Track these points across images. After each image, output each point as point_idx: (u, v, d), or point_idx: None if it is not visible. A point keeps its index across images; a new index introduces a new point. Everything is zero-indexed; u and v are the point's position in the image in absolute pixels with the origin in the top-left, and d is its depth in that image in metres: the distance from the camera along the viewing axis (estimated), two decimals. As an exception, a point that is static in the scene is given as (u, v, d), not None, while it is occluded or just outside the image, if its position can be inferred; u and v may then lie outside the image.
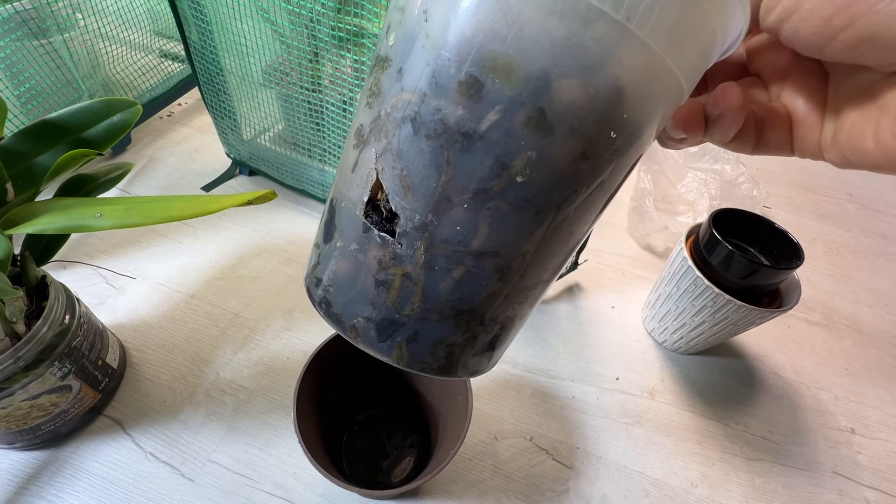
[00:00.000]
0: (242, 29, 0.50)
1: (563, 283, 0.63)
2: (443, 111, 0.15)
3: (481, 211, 0.15)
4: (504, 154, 0.14)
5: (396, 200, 0.16)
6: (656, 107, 0.15)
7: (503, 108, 0.14)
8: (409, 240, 0.16)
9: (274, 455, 0.43)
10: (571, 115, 0.14)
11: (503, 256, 0.16)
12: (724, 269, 0.47)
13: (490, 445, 0.46)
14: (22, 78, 0.53)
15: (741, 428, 0.51)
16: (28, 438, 0.40)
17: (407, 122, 0.15)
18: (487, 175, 0.15)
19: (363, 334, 0.18)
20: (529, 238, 0.16)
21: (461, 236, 0.16)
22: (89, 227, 0.31)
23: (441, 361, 0.18)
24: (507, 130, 0.14)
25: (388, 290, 0.17)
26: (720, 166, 0.77)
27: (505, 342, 0.20)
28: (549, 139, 0.14)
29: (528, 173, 0.15)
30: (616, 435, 0.49)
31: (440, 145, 0.15)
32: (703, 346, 0.55)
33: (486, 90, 0.14)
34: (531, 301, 0.19)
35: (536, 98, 0.14)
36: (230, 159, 0.71)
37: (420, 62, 0.15)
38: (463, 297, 0.17)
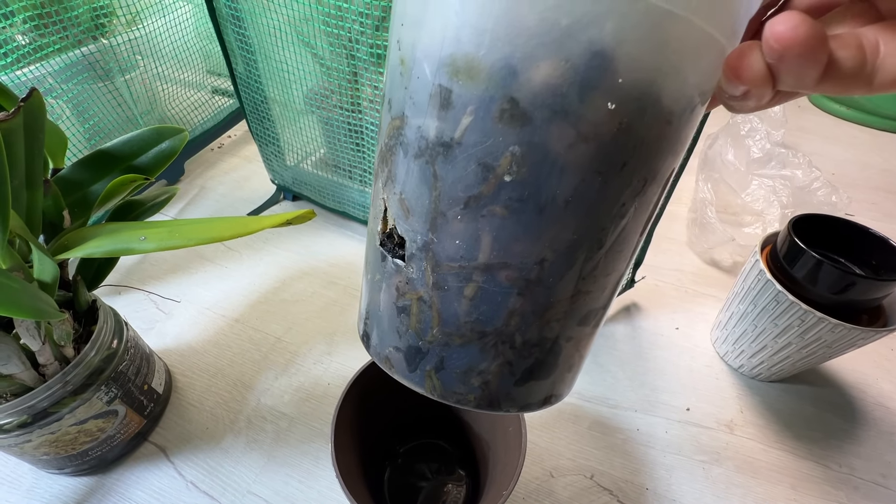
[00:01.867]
0: (284, 56, 0.51)
1: (619, 303, 0.58)
2: (422, 128, 0.14)
3: (477, 220, 0.14)
4: (485, 155, 0.13)
5: (401, 225, 0.16)
6: (671, 63, 0.13)
7: (474, 108, 0.13)
8: (416, 262, 0.16)
9: (314, 488, 0.41)
10: (548, 97, 0.12)
11: (515, 267, 0.15)
12: (810, 282, 0.41)
13: (546, 483, 0.42)
14: (87, 115, 0.56)
15: (846, 470, 0.43)
16: (77, 464, 0.40)
17: (398, 147, 0.15)
18: (473, 181, 0.14)
19: (396, 365, 0.18)
20: (540, 242, 0.14)
21: (463, 251, 0.15)
22: (134, 250, 0.31)
23: (477, 392, 0.17)
24: (482, 130, 0.13)
25: (409, 317, 0.17)
26: (790, 171, 0.70)
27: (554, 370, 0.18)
28: (529, 128, 0.13)
29: (515, 170, 0.13)
30: (691, 475, 0.43)
31: (426, 161, 0.15)
32: (788, 373, 0.48)
33: (455, 95, 0.13)
34: (574, 318, 0.17)
35: (505, 88, 0.13)
36: (275, 185, 0.72)
37: (399, 88, 0.15)
38: (482, 318, 0.16)
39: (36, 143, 0.32)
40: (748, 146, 0.73)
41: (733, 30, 0.13)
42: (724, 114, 0.80)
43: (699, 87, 0.14)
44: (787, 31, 0.12)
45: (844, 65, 0.12)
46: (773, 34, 0.12)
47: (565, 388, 0.19)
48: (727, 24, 0.13)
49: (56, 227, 0.36)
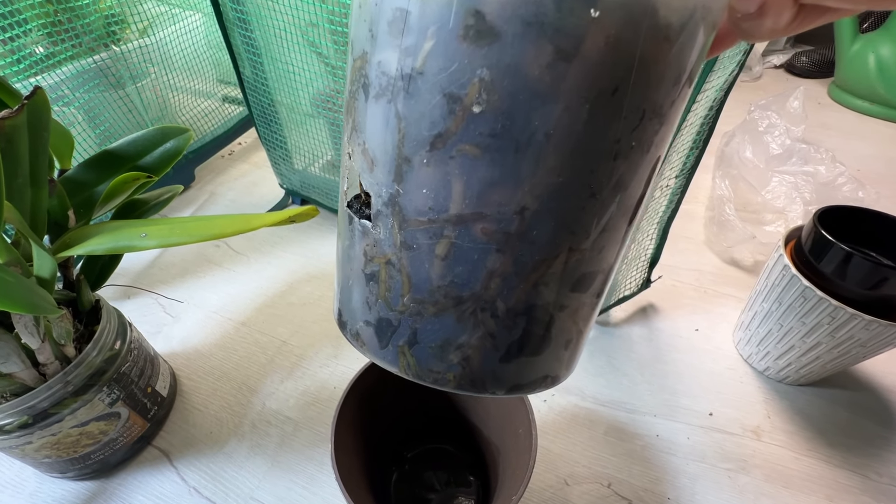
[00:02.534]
0: (290, 58, 0.51)
1: (635, 304, 0.55)
2: (382, 62, 0.13)
3: (446, 163, 0.12)
4: (450, 84, 0.12)
5: (366, 179, 0.14)
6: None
7: (436, 29, 0.11)
8: (383, 220, 0.14)
9: (318, 494, 0.40)
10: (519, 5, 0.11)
11: (492, 218, 0.13)
12: (839, 277, 0.39)
13: (560, 491, 0.40)
14: (98, 121, 0.57)
15: (886, 481, 0.40)
16: (79, 468, 0.39)
17: (359, 91, 0.14)
18: (439, 116, 0.12)
19: (367, 341, 0.16)
20: (520, 186, 0.12)
21: (431, 201, 0.13)
22: (135, 247, 0.31)
23: (457, 370, 0.15)
24: (446, 54, 0.12)
25: (378, 284, 0.15)
26: (812, 167, 0.68)
27: (547, 345, 0.15)
28: (498, 46, 0.11)
29: (485, 99, 0.11)
30: (717, 484, 0.40)
31: (387, 101, 0.13)
32: (818, 375, 0.46)
33: (413, 17, 0.12)
34: (566, 281, 0.14)
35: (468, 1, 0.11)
36: (283, 190, 0.72)
37: (360, 24, 0.13)
38: (457, 280, 0.14)
39: (40, 142, 0.32)
40: (767, 143, 0.71)
41: None
42: (740, 111, 0.78)
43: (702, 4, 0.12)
44: None
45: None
46: None
47: (563, 368, 0.17)
48: None
49: (61, 227, 0.36)
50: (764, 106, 0.75)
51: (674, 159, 0.40)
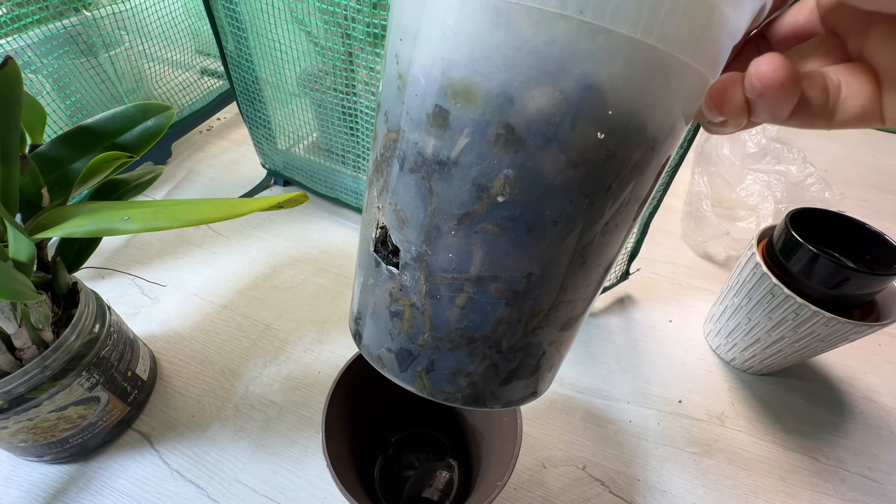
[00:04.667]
0: (277, 35, 0.49)
1: (614, 295, 0.57)
2: (419, 144, 0.15)
3: (471, 236, 0.15)
4: (480, 176, 0.14)
5: (395, 234, 0.16)
6: (657, 95, 0.14)
7: (471, 131, 0.14)
8: (410, 271, 0.16)
9: (303, 477, 0.40)
10: (542, 125, 0.13)
11: (504, 280, 0.16)
12: (805, 275, 0.41)
13: (538, 474, 0.42)
14: (68, 91, 0.54)
15: (833, 462, 0.44)
16: (56, 452, 0.38)
17: (394, 160, 0.16)
18: (468, 199, 0.14)
19: (388, 364, 0.19)
20: (528, 258, 0.15)
21: (456, 263, 0.16)
22: (116, 230, 0.30)
23: (465, 391, 0.18)
24: (478, 152, 0.14)
25: (402, 321, 0.17)
26: (784, 167, 0.70)
27: (537, 371, 0.19)
28: (523, 153, 0.13)
29: (508, 192, 0.14)
30: (682, 466, 0.43)
31: (422, 177, 0.15)
32: (779, 366, 0.49)
33: (452, 117, 0.14)
34: (556, 324, 0.18)
35: (501, 114, 0.13)
36: (266, 170, 0.70)
37: (397, 102, 0.15)
38: (471, 325, 0.17)
39: (11, 116, 0.30)
40: (744, 141, 0.73)
41: (716, 62, 0.14)
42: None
43: (682, 113, 0.15)
44: (769, 72, 0.13)
45: (812, 103, 0.14)
46: (757, 73, 0.13)
47: (546, 384, 0.20)
48: (711, 59, 0.14)
49: (34, 206, 0.35)
50: (743, 104, 0.77)
51: (659, 158, 0.41)
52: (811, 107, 0.14)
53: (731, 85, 0.14)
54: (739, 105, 0.14)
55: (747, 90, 0.13)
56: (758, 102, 0.13)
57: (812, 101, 0.13)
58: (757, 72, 0.13)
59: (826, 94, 0.14)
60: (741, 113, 0.14)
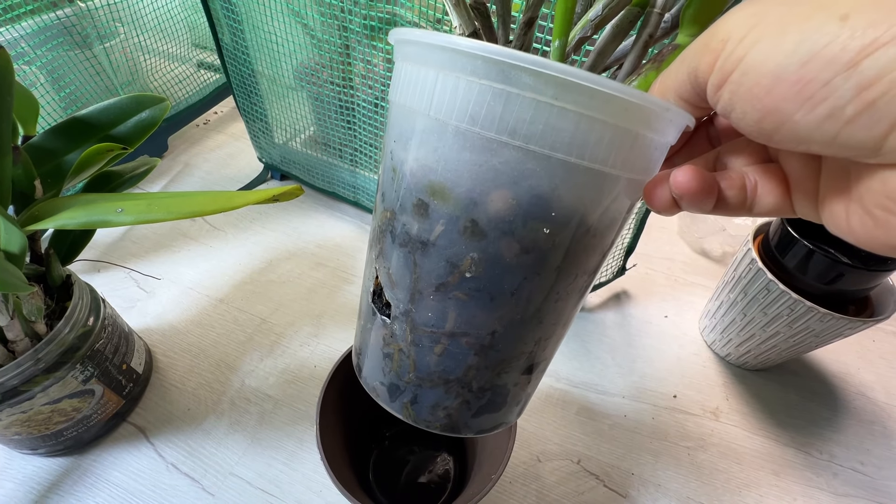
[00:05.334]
0: (273, 27, 0.49)
1: (610, 290, 0.58)
2: (407, 225, 0.18)
3: (446, 300, 0.18)
4: (452, 256, 0.17)
5: (388, 292, 0.20)
6: (593, 199, 0.16)
7: (445, 222, 0.17)
8: (399, 323, 0.20)
9: (298, 471, 0.40)
10: (499, 222, 0.16)
11: (473, 335, 0.19)
12: (801, 271, 0.41)
13: (533, 468, 0.42)
14: (63, 83, 0.54)
15: (826, 457, 0.44)
16: (51, 444, 0.38)
17: (387, 233, 0.19)
18: (443, 272, 0.18)
19: (381, 395, 0.22)
20: (492, 319, 0.18)
21: (434, 320, 0.19)
22: (110, 223, 0.30)
23: (443, 421, 0.21)
24: (450, 238, 0.17)
25: (392, 361, 0.21)
26: (782, 163, 0.70)
27: (503, 406, 0.22)
28: (485, 242, 0.17)
29: (474, 270, 0.17)
30: (677, 460, 0.43)
31: (408, 251, 0.18)
32: (774, 362, 0.49)
33: (431, 209, 0.17)
34: (518, 370, 0.21)
35: (468, 212, 0.16)
36: (262, 164, 0.70)
37: (391, 189, 0.19)
38: (447, 369, 0.20)
39: (3, 106, 0.30)
40: (742, 137, 0.73)
41: (648, 169, 0.17)
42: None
43: (621, 209, 0.18)
44: (684, 182, 0.15)
45: (731, 200, 0.16)
46: (675, 183, 0.16)
47: (513, 416, 0.23)
48: (641, 168, 0.16)
49: (27, 198, 0.34)
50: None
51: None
52: (731, 202, 0.16)
53: (660, 185, 0.16)
54: (668, 201, 0.16)
55: (672, 191, 0.16)
56: (682, 202, 0.16)
57: (731, 199, 0.16)
58: (674, 181, 0.16)
59: (744, 192, 0.16)
60: (671, 207, 0.16)
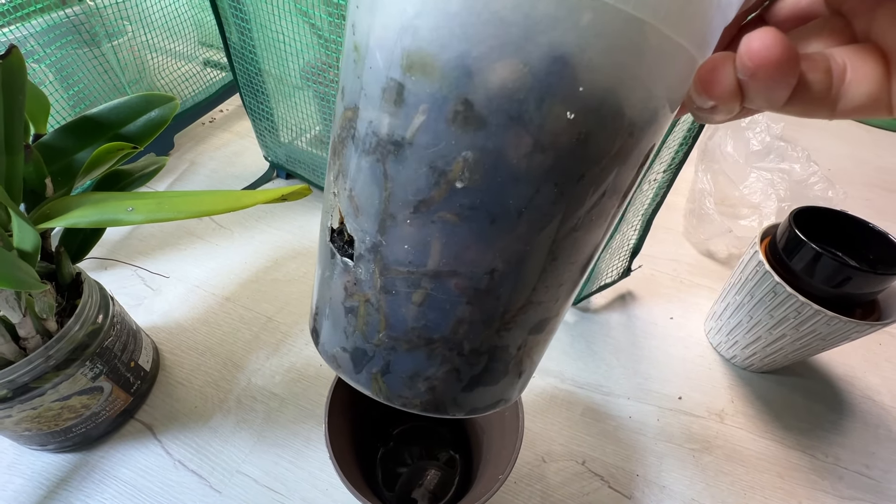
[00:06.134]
0: (281, 27, 0.49)
1: (615, 291, 0.57)
2: (374, 122, 0.13)
3: (427, 226, 0.14)
4: (437, 158, 0.13)
5: (350, 223, 0.15)
6: (635, 73, 0.12)
7: (427, 108, 0.12)
8: (365, 263, 0.15)
9: (304, 469, 0.40)
10: (504, 102, 0.12)
11: (464, 276, 0.14)
12: (808, 274, 0.41)
13: (538, 468, 0.42)
14: (71, 81, 0.54)
15: (831, 460, 0.44)
16: (60, 440, 0.39)
17: (349, 140, 0.15)
18: (425, 184, 0.13)
19: (343, 364, 0.18)
20: (491, 252, 0.14)
21: (412, 256, 0.14)
22: (121, 221, 0.30)
23: (424, 396, 0.17)
24: (435, 132, 0.13)
25: (356, 318, 0.16)
26: (788, 165, 0.70)
27: (504, 377, 0.17)
28: (483, 134, 0.12)
29: (467, 177, 0.13)
30: (681, 462, 0.43)
31: (377, 159, 0.14)
32: (779, 364, 0.49)
33: (407, 92, 0.12)
34: (524, 327, 0.16)
35: (459, 89, 0.12)
36: (268, 163, 0.70)
37: (353, 77, 0.14)
38: (430, 325, 0.15)
39: (15, 105, 0.30)
40: (748, 138, 0.73)
41: (705, 40, 0.13)
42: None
43: (666, 97, 0.13)
44: (762, 49, 0.11)
45: (812, 88, 0.12)
46: (749, 51, 0.11)
47: (515, 391, 0.19)
48: (698, 34, 0.12)
49: (38, 196, 0.35)
50: (748, 102, 0.77)
51: (664, 155, 0.41)
52: (811, 92, 0.12)
53: (721, 65, 0.12)
54: (730, 88, 0.12)
55: (739, 70, 0.12)
56: (751, 84, 0.12)
57: (813, 86, 0.12)
58: (749, 49, 0.11)
59: (829, 77, 0.12)
60: (732, 97, 0.13)
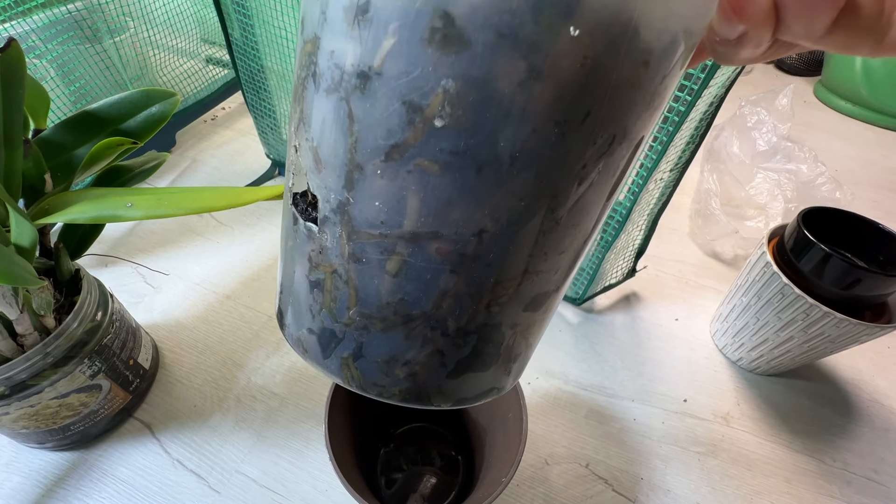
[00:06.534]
0: (283, 23, 0.49)
1: (619, 292, 0.57)
2: (336, 53, 0.11)
3: (402, 177, 0.11)
4: (411, 91, 0.11)
5: (314, 179, 0.13)
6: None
7: (398, 27, 0.10)
8: (330, 227, 0.13)
9: (304, 469, 0.40)
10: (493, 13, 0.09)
11: (448, 238, 0.12)
12: (816, 276, 0.40)
13: (541, 471, 0.41)
14: (73, 77, 0.54)
15: (839, 465, 0.43)
16: (58, 439, 0.38)
17: (309, 80, 0.12)
18: (397, 125, 0.11)
19: (310, 349, 0.15)
20: (479, 208, 0.12)
21: (384, 215, 0.12)
22: (120, 217, 0.29)
23: (403, 384, 0.15)
24: (408, 57, 0.10)
25: (323, 293, 0.14)
26: (795, 166, 0.69)
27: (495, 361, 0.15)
28: (467, 56, 0.10)
29: (449, 113, 0.10)
30: (686, 466, 0.42)
31: (340, 97, 0.12)
32: (786, 367, 0.48)
33: (374, 7, 0.10)
34: (519, 302, 0.14)
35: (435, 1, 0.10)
36: (270, 160, 0.70)
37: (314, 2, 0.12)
38: (407, 299, 0.13)
39: (15, 99, 0.30)
40: (754, 138, 0.72)
41: None
42: (731, 105, 0.79)
43: (686, 21, 0.11)
44: None
45: (861, 11, 0.10)
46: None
47: (509, 379, 0.17)
48: None
49: (37, 191, 0.34)
50: (754, 102, 0.76)
51: (670, 153, 0.40)
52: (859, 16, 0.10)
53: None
54: (765, 9, 0.10)
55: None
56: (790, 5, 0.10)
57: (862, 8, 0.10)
58: None
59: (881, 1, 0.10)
60: (766, 21, 0.11)
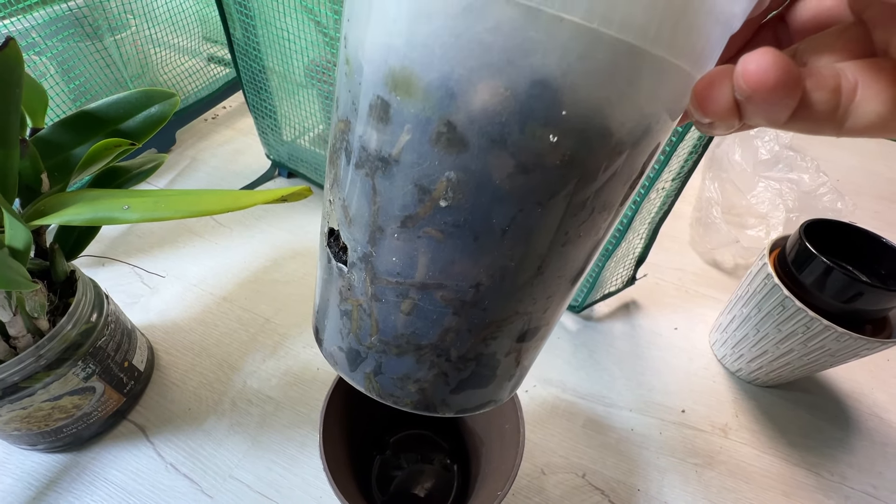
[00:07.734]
0: (285, 23, 0.48)
1: (619, 300, 0.57)
2: (363, 137, 0.14)
3: (414, 240, 0.14)
4: (422, 177, 0.13)
5: (343, 231, 0.16)
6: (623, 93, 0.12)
7: (412, 128, 0.12)
8: (357, 271, 0.16)
9: (298, 475, 0.40)
10: (486, 124, 0.12)
11: (450, 288, 0.15)
12: (818, 288, 0.40)
13: (537, 480, 0.41)
14: (73, 75, 0.53)
15: (837, 479, 0.43)
16: (50, 441, 0.38)
17: (341, 152, 0.15)
18: (410, 201, 0.13)
19: (339, 362, 0.18)
20: (476, 267, 0.14)
21: (400, 267, 0.15)
22: (116, 220, 0.29)
23: (414, 397, 0.18)
24: (419, 152, 0.13)
25: (350, 321, 0.17)
26: (797, 175, 0.69)
27: (492, 381, 0.18)
28: (466, 155, 0.12)
29: (451, 196, 0.13)
30: (684, 477, 0.42)
31: (366, 173, 0.14)
32: (785, 379, 0.48)
33: (393, 110, 0.13)
34: (510, 336, 0.17)
35: (442, 110, 0.12)
36: (270, 161, 0.70)
37: (345, 90, 0.14)
38: (418, 332, 0.16)
39: (11, 98, 0.29)
40: (756, 147, 0.72)
41: (702, 56, 0.12)
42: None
43: (662, 111, 0.13)
44: (759, 72, 0.10)
45: (817, 108, 0.11)
46: (745, 73, 0.11)
47: (504, 393, 0.19)
48: (694, 51, 0.12)
49: (33, 192, 0.34)
50: (757, 110, 0.76)
51: (673, 163, 0.40)
52: (815, 111, 0.11)
53: (718, 81, 0.12)
54: (727, 106, 0.12)
55: (736, 91, 0.11)
56: (747, 106, 0.11)
57: (816, 105, 0.11)
58: (745, 71, 0.11)
59: (837, 97, 0.11)
60: (729, 115, 0.12)
